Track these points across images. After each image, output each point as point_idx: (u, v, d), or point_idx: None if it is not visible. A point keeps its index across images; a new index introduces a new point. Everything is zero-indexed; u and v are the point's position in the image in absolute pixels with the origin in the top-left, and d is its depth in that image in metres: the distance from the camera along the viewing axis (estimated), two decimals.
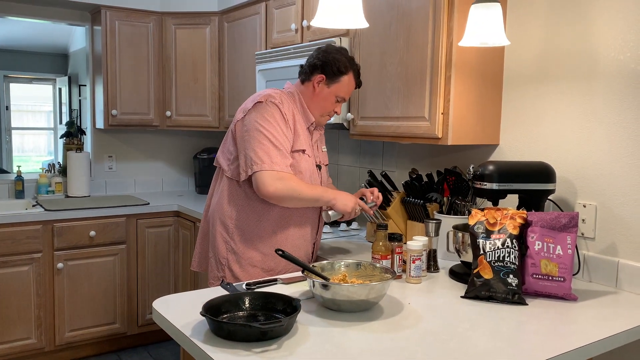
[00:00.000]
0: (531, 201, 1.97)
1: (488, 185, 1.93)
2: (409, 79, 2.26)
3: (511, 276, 1.70)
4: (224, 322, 1.37)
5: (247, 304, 1.52)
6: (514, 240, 1.73)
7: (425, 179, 2.43)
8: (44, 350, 3.32)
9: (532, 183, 1.95)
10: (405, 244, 1.92)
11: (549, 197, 2.01)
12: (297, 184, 1.98)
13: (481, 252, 1.74)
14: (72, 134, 4.11)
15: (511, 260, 1.71)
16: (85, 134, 4.16)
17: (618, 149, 1.92)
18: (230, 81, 3.69)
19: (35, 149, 8.34)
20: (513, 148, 2.28)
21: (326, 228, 2.72)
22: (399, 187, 2.69)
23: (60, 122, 7.48)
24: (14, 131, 7.92)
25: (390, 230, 2.28)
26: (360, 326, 1.48)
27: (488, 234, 1.76)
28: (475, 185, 1.98)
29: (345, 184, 3.24)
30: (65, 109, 7.30)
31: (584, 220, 2.01)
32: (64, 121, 7.15)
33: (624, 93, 1.89)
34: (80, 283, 3.40)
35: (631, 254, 1.89)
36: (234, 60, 3.64)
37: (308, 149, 2.10)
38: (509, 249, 1.72)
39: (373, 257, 1.90)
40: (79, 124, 5.62)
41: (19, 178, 3.75)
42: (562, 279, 1.71)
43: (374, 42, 2.44)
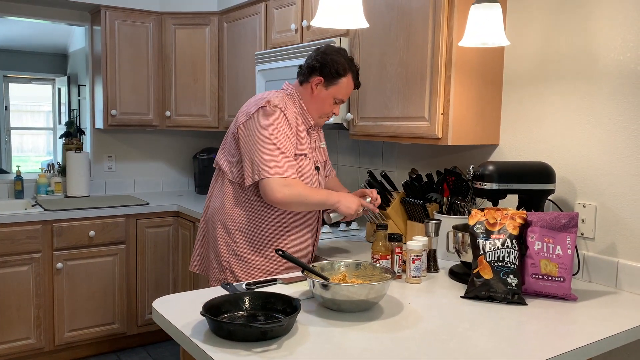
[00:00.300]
0: (531, 201, 1.97)
1: (488, 186, 1.93)
2: (409, 79, 2.26)
3: (511, 276, 1.70)
4: (224, 322, 1.37)
5: (247, 304, 1.52)
6: (514, 241, 1.73)
7: (425, 179, 2.42)
8: (43, 350, 3.32)
9: (532, 183, 1.95)
10: (405, 244, 1.92)
11: (548, 197, 2.01)
12: (304, 189, 1.98)
13: (481, 252, 1.75)
14: (71, 134, 4.10)
15: (511, 261, 1.71)
16: (84, 134, 4.15)
17: (618, 149, 1.92)
18: (230, 81, 3.69)
19: (34, 149, 8.34)
20: (513, 148, 2.28)
21: (326, 228, 2.72)
22: (398, 187, 2.69)
23: (60, 122, 7.48)
24: (13, 131, 7.91)
25: (390, 231, 2.28)
26: (360, 326, 1.48)
27: (488, 234, 1.77)
28: (475, 186, 1.98)
29: (345, 184, 3.22)
30: (64, 109, 7.29)
31: (583, 220, 2.01)
32: (63, 121, 7.14)
33: (624, 93, 1.89)
34: (79, 283, 3.39)
35: (631, 254, 1.89)
36: (233, 61, 3.64)
37: (309, 151, 2.10)
38: (508, 249, 1.72)
39: (373, 257, 1.90)
40: (79, 124, 5.62)
41: (19, 178, 3.75)
42: (562, 279, 1.71)
43: (374, 42, 2.44)
